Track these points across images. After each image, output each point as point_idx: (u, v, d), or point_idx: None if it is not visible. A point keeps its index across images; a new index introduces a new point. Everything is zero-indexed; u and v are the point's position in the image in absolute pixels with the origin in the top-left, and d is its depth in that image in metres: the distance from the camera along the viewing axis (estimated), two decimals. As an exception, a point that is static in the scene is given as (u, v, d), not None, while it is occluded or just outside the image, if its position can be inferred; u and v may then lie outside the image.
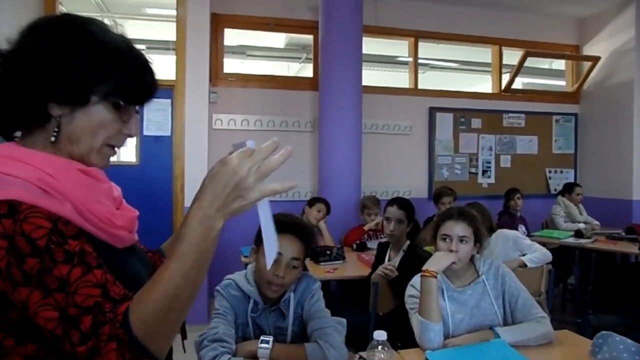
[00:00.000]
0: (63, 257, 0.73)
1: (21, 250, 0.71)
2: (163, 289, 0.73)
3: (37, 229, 0.72)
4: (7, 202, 0.72)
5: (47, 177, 0.77)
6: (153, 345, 0.73)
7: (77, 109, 0.83)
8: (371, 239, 4.26)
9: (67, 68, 0.81)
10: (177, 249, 0.75)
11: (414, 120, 5.67)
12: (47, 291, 0.71)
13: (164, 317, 0.73)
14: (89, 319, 0.71)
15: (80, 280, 0.73)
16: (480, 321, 1.92)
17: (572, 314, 4.52)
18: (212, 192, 0.76)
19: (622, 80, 5.78)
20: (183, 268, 0.74)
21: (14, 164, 0.77)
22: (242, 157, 0.76)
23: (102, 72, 0.83)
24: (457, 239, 1.95)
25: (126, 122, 0.89)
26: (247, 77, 5.24)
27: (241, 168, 0.75)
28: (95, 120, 0.85)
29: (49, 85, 0.81)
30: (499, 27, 5.98)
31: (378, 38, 5.68)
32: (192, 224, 0.76)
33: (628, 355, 1.55)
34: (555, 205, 5.36)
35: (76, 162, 0.86)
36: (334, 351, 1.52)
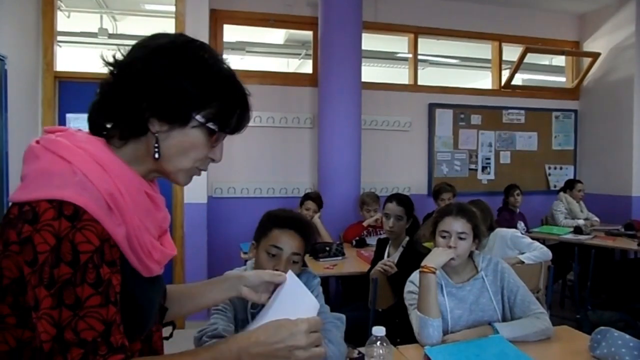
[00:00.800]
0: (93, 279, 0.74)
1: (62, 255, 0.72)
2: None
3: (86, 242, 0.74)
4: (74, 205, 0.74)
5: (117, 193, 0.80)
6: None
7: (176, 128, 0.86)
8: (370, 235, 4.27)
9: (176, 89, 0.84)
10: (205, 354, 0.80)
11: (414, 116, 5.66)
12: (60, 303, 0.72)
13: None
14: (79, 352, 0.72)
15: (93, 309, 0.74)
16: (479, 317, 1.92)
17: (571, 310, 4.53)
18: (267, 336, 0.80)
19: (622, 76, 5.78)
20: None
21: (96, 168, 0.80)
22: (312, 327, 0.82)
23: (207, 97, 0.87)
24: (456, 236, 1.95)
25: (214, 147, 0.92)
26: (246, 73, 5.21)
27: (305, 338, 0.80)
28: (189, 142, 0.88)
29: (155, 102, 0.84)
30: (498, 23, 5.97)
31: (377, 34, 5.66)
32: (232, 346, 0.80)
33: (626, 350, 1.55)
34: (556, 202, 5.37)
35: (147, 184, 0.89)
36: (333, 347, 1.53)
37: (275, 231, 1.64)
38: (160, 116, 0.85)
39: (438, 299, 1.88)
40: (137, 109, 0.84)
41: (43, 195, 0.75)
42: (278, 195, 5.01)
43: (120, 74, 0.86)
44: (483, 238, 2.07)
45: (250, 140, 5.05)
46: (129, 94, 0.84)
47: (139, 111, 0.84)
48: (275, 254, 1.62)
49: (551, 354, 1.76)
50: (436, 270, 1.86)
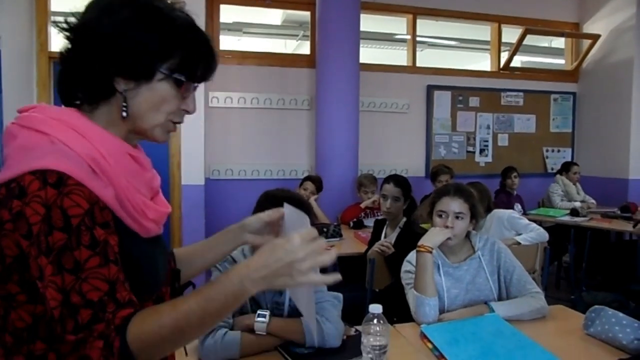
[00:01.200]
0: (88, 242, 0.75)
1: (53, 222, 0.73)
2: (176, 319, 0.76)
3: (75, 206, 0.74)
4: (57, 172, 0.74)
5: (99, 156, 0.80)
6: (139, 357, 0.74)
7: (142, 84, 0.85)
8: (368, 217, 4.28)
9: (135, 43, 0.83)
10: (208, 291, 0.78)
11: (412, 98, 5.64)
12: (60, 269, 0.73)
13: (163, 343, 0.76)
14: (88, 312, 0.73)
15: (94, 269, 0.74)
16: (475, 296, 1.94)
17: (567, 291, 4.57)
18: (264, 259, 0.79)
19: (621, 58, 5.74)
20: (204, 311, 0.76)
21: (73, 134, 0.80)
22: (305, 239, 0.79)
23: (168, 48, 0.85)
24: (453, 215, 1.95)
25: (185, 98, 0.91)
26: (243, 54, 5.18)
27: (301, 250, 0.78)
28: (159, 96, 0.87)
29: (116, 60, 0.83)
30: (498, 4, 5.90)
31: (376, 15, 5.60)
32: (233, 277, 0.78)
33: (620, 328, 1.57)
34: (553, 184, 5.39)
35: (128, 146, 0.88)
36: (330, 325, 1.54)
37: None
38: (124, 74, 0.84)
39: (435, 278, 1.90)
40: (99, 70, 0.83)
41: (26, 168, 0.75)
42: (275, 177, 5.00)
43: (77, 38, 0.85)
44: (480, 219, 2.07)
45: (248, 122, 5.03)
46: (89, 57, 0.83)
47: (102, 72, 0.83)
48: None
49: (546, 332, 1.78)
50: (433, 250, 1.87)
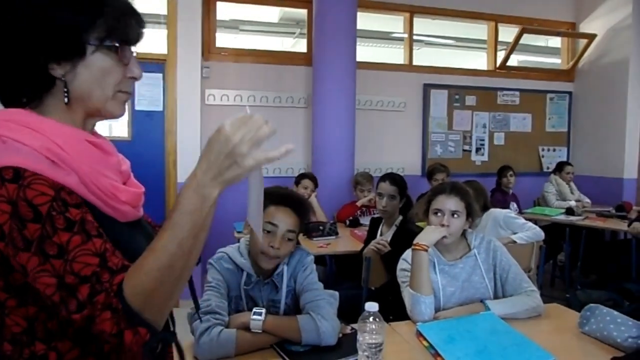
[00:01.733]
0: (64, 224, 0.73)
1: (23, 216, 0.71)
2: (156, 258, 0.73)
3: (40, 195, 0.72)
4: (12, 168, 0.72)
5: (55, 147, 0.77)
6: (148, 314, 0.74)
7: (77, 63, 0.82)
8: (364, 215, 4.28)
9: (54, 23, 0.80)
10: (172, 218, 0.75)
11: (408, 96, 5.64)
12: (46, 257, 0.71)
13: (157, 287, 0.73)
14: (86, 287, 0.71)
15: (79, 248, 0.73)
16: (471, 294, 1.94)
17: (562, 289, 4.59)
18: (206, 160, 0.76)
19: (617, 58, 5.76)
20: (177, 238, 0.74)
21: (25, 131, 0.77)
22: (235, 124, 0.76)
23: (90, 18, 0.82)
24: (449, 213, 1.96)
25: (127, 65, 0.88)
26: (240, 51, 5.16)
27: (234, 135, 0.74)
28: (98, 70, 0.84)
29: (43, 46, 0.79)
30: (494, 3, 5.91)
31: (373, 13, 5.60)
32: (186, 192, 0.75)
33: (614, 326, 1.58)
34: (547, 183, 5.41)
35: (85, 133, 0.86)
36: (326, 323, 1.54)
37: (271, 208, 1.65)
38: (57, 58, 0.81)
39: (430, 276, 1.90)
40: (29, 61, 0.80)
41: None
42: (272, 175, 4.99)
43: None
44: (476, 217, 2.08)
45: (244, 120, 5.01)
46: (13, 51, 0.79)
47: (33, 63, 0.80)
48: (270, 231, 1.63)
49: (541, 330, 1.78)
50: (428, 248, 1.88)
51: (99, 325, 0.71)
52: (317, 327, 1.52)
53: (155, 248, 0.74)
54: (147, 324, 0.73)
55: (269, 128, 0.77)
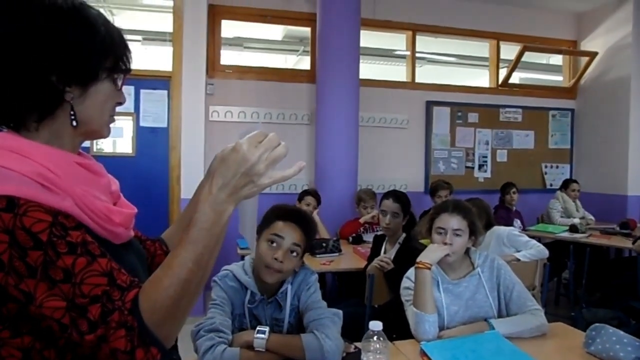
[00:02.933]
0: (66, 248, 0.72)
1: (23, 244, 0.70)
2: (174, 274, 0.74)
3: (38, 222, 0.71)
4: (5, 197, 0.71)
5: (46, 172, 0.76)
6: (162, 331, 0.74)
7: (89, 89, 0.85)
8: (367, 232, 4.27)
9: (82, 47, 0.82)
10: (189, 234, 0.76)
11: (411, 114, 5.67)
12: (53, 283, 0.71)
13: (175, 303, 0.74)
14: (97, 307, 0.71)
15: (85, 270, 0.72)
16: (475, 313, 1.93)
17: (566, 308, 4.55)
18: (222, 177, 0.77)
19: (618, 75, 5.80)
20: (194, 253, 0.75)
21: (13, 156, 0.76)
22: (252, 143, 0.78)
23: (104, 47, 0.85)
24: (452, 232, 1.95)
25: (119, 92, 0.92)
26: (244, 69, 5.22)
27: (252, 155, 0.77)
28: (103, 96, 0.87)
29: (66, 68, 0.81)
30: (496, 21, 5.98)
31: (376, 31, 5.66)
32: (203, 209, 0.77)
33: (621, 346, 1.57)
34: (553, 200, 5.39)
35: (75, 156, 0.86)
36: (330, 342, 1.53)
37: (278, 222, 1.66)
38: (73, 81, 0.82)
39: (434, 295, 1.89)
40: (46, 84, 0.80)
41: None
42: (275, 191, 4.99)
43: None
44: (479, 235, 2.07)
45: (248, 136, 5.03)
46: (33, 71, 0.79)
47: (50, 85, 0.80)
48: (275, 243, 1.63)
49: (546, 350, 1.77)
50: (431, 266, 1.87)
51: (113, 343, 0.71)
52: (320, 345, 1.52)
53: (174, 264, 0.75)
54: (159, 343, 0.73)
55: (284, 147, 0.81)
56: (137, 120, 4.44)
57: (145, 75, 4.47)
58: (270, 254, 1.61)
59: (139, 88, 4.44)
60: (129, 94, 4.41)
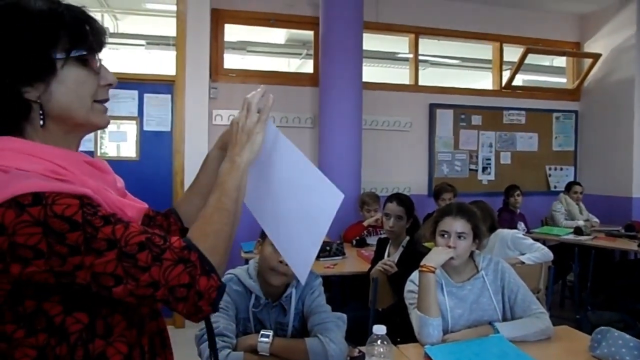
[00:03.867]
0: (101, 222, 0.75)
1: (59, 230, 0.71)
2: (213, 207, 0.88)
3: (68, 207, 0.73)
4: (30, 193, 0.71)
5: (59, 168, 0.77)
6: (216, 257, 0.82)
7: (50, 81, 0.81)
8: (371, 235, 4.27)
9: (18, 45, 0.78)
10: (216, 182, 0.94)
11: (414, 116, 5.66)
12: (99, 253, 0.73)
13: (220, 228, 0.86)
14: (145, 253, 0.75)
15: (126, 233, 0.75)
16: (479, 316, 1.92)
17: (571, 310, 4.53)
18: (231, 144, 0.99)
19: (622, 77, 5.78)
20: (224, 191, 0.91)
21: (23, 157, 0.76)
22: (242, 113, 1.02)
23: (51, 32, 0.80)
24: (455, 235, 1.95)
25: (98, 73, 0.87)
26: (247, 72, 5.23)
27: (239, 119, 1.01)
28: (72, 83, 0.83)
29: (10, 70, 0.78)
30: (499, 23, 5.97)
31: (378, 34, 5.66)
32: (223, 164, 0.97)
33: (627, 350, 1.56)
34: (556, 202, 5.38)
35: (81, 154, 0.87)
36: (334, 346, 1.53)
37: None
38: (28, 80, 0.79)
39: (438, 298, 1.89)
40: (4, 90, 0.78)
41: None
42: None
43: None
44: (483, 238, 2.07)
45: (251, 140, 5.04)
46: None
47: (4, 90, 0.78)
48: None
49: (551, 353, 1.76)
50: (435, 270, 1.87)
51: (171, 281, 0.76)
52: (325, 350, 1.52)
53: (209, 203, 0.89)
54: (216, 271, 0.81)
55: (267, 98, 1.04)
56: (141, 124, 4.45)
57: (148, 80, 4.49)
58: (275, 258, 1.61)
59: (143, 92, 4.46)
60: (132, 99, 4.43)
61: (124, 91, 4.38)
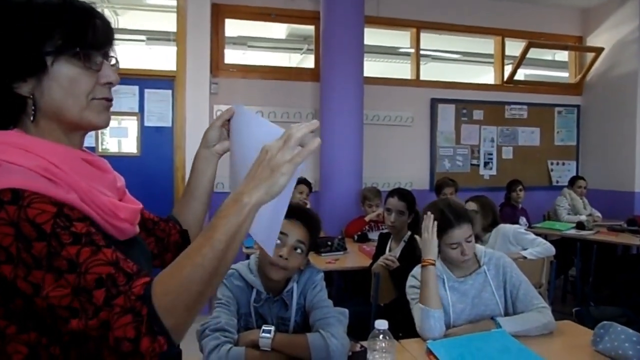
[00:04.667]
0: (70, 239, 0.72)
1: (27, 236, 0.70)
2: (188, 256, 0.73)
3: (42, 213, 0.71)
4: (10, 189, 0.71)
5: (51, 166, 0.76)
6: (172, 319, 0.71)
7: (42, 77, 0.80)
8: (372, 230, 4.26)
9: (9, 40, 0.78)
10: (210, 223, 0.76)
11: (416, 111, 5.65)
12: (59, 273, 0.70)
13: (188, 289, 0.71)
14: (102, 292, 0.70)
15: (90, 259, 0.72)
16: (481, 311, 1.92)
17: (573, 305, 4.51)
18: (249, 175, 0.78)
19: (625, 71, 5.75)
20: (211, 239, 0.74)
21: (18, 152, 0.76)
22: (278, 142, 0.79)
23: (45, 29, 0.79)
24: (465, 242, 1.93)
25: (98, 70, 0.85)
26: (248, 67, 5.21)
27: (273, 147, 0.78)
28: (65, 80, 0.81)
29: (6, 65, 0.78)
30: (501, 17, 5.94)
31: (380, 29, 5.64)
32: (227, 200, 0.78)
33: (629, 345, 1.55)
34: (560, 197, 5.37)
35: (80, 152, 0.86)
36: (335, 341, 1.52)
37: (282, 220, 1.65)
38: (19, 75, 0.79)
39: (440, 293, 1.88)
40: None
41: None
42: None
43: None
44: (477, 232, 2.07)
45: (252, 135, 5.04)
46: None
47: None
48: (280, 240, 1.63)
49: (554, 348, 1.75)
50: (435, 262, 1.87)
51: (117, 330, 0.69)
52: (326, 345, 1.51)
53: (190, 251, 0.74)
54: (167, 333, 0.71)
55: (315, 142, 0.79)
56: (142, 120, 4.45)
57: (149, 75, 4.48)
58: (275, 252, 1.60)
59: (144, 88, 4.45)
60: (133, 94, 4.42)
61: (125, 87, 4.37)
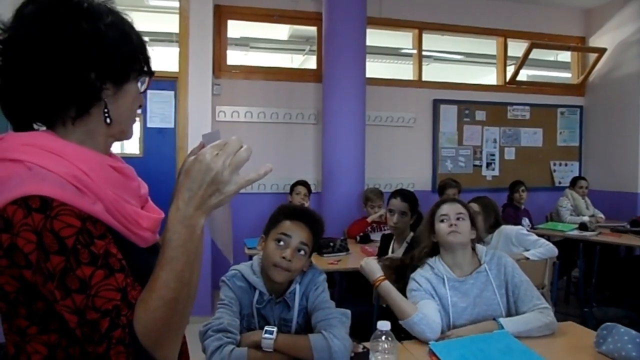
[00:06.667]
0: (88, 258, 0.73)
1: (48, 247, 0.71)
2: (158, 296, 0.74)
3: (67, 227, 0.72)
4: (39, 197, 0.72)
5: (81, 174, 0.78)
6: (159, 351, 0.74)
7: (121, 87, 0.88)
8: (374, 231, 4.26)
9: (115, 47, 0.85)
10: (165, 254, 0.75)
11: (418, 112, 5.65)
12: (67, 291, 0.71)
13: (165, 323, 0.74)
14: (107, 321, 0.72)
15: (101, 283, 0.73)
16: (483, 311, 1.91)
17: (576, 306, 4.51)
18: (188, 190, 0.75)
19: (628, 72, 5.74)
20: (174, 272, 0.74)
21: (50, 156, 0.78)
22: (214, 151, 0.76)
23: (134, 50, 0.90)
24: (455, 216, 1.98)
25: (141, 94, 0.95)
26: (250, 69, 5.22)
27: (215, 163, 0.75)
28: (132, 96, 0.91)
29: (105, 67, 0.84)
30: (504, 18, 5.94)
31: (382, 30, 5.65)
32: (174, 227, 0.75)
33: (633, 346, 1.54)
34: (562, 198, 5.35)
35: (108, 158, 0.88)
36: (337, 342, 1.52)
37: (285, 222, 1.67)
38: (110, 80, 0.86)
39: (441, 292, 1.90)
40: (86, 80, 0.82)
41: (6, 199, 0.72)
42: (282, 191, 5.00)
43: (36, 53, 0.79)
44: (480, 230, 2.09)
45: (255, 136, 5.05)
46: (74, 70, 0.81)
47: (89, 82, 0.83)
48: (283, 242, 1.63)
49: (557, 349, 1.75)
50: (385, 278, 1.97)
51: (113, 358, 0.72)
52: (329, 346, 1.51)
53: (155, 287, 0.74)
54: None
55: (247, 151, 0.78)
56: (144, 121, 4.46)
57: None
58: (277, 254, 1.61)
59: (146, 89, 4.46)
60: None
61: (127, 88, 4.38)
